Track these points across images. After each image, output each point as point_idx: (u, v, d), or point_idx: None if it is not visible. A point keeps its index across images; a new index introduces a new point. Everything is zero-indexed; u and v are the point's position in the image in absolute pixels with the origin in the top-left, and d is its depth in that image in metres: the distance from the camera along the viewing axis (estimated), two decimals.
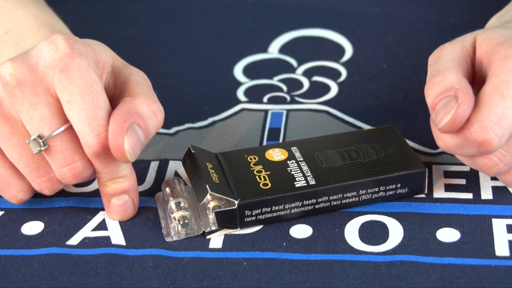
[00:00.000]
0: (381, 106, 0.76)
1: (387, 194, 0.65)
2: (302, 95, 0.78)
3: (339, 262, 0.60)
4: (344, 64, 0.82)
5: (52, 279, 0.60)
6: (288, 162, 0.65)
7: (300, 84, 0.80)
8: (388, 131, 0.68)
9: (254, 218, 0.63)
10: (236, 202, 0.62)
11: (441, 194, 0.66)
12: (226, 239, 0.63)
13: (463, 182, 0.67)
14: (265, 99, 0.78)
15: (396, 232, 0.62)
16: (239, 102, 0.77)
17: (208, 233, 0.63)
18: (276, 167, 0.65)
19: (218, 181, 0.63)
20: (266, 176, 0.64)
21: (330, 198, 0.64)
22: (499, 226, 0.62)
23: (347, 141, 0.67)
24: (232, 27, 0.88)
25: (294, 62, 0.83)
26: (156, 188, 0.68)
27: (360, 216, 0.64)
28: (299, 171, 0.64)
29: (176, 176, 0.69)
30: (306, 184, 0.63)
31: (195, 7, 0.92)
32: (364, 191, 0.64)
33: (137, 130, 0.60)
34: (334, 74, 0.81)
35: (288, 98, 0.78)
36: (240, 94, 0.79)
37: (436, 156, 0.70)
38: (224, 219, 0.62)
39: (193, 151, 0.65)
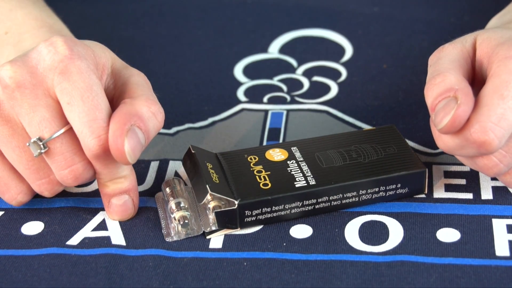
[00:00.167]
0: (381, 106, 0.76)
1: (387, 194, 0.65)
2: (302, 95, 0.78)
3: (339, 262, 0.60)
4: (344, 64, 0.82)
5: (52, 279, 0.60)
6: (288, 162, 0.65)
7: (300, 84, 0.80)
8: (388, 131, 0.68)
9: (254, 218, 0.63)
10: (236, 202, 0.62)
11: (441, 194, 0.66)
12: (226, 239, 0.63)
13: (463, 182, 0.67)
14: (265, 99, 0.78)
15: (396, 232, 0.62)
16: (239, 102, 0.77)
17: (208, 233, 0.63)
18: (276, 167, 0.65)
19: (218, 181, 0.63)
20: (266, 176, 0.64)
21: (330, 198, 0.64)
22: (499, 226, 0.62)
23: (347, 141, 0.67)
24: (232, 27, 0.88)
25: (294, 62, 0.83)
26: (156, 188, 0.68)
27: (360, 216, 0.64)
28: (299, 171, 0.64)
29: (176, 176, 0.69)
30: (306, 184, 0.63)
31: (195, 7, 0.92)
32: (364, 191, 0.64)
33: (137, 132, 0.60)
34: (334, 74, 0.81)
35: (288, 98, 0.78)
36: (240, 94, 0.78)
37: (436, 156, 0.70)
38: (224, 219, 0.62)
39: (193, 151, 0.65)
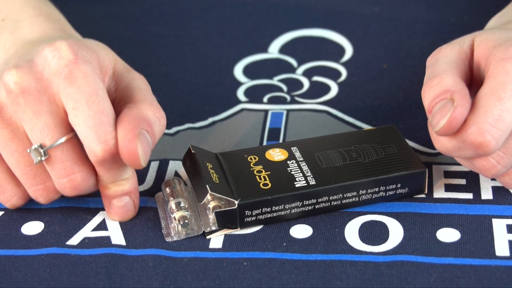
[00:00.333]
0: (381, 106, 0.76)
1: (387, 194, 0.65)
2: (302, 95, 0.78)
3: (339, 262, 0.60)
4: (344, 64, 0.82)
5: (52, 279, 0.60)
6: (288, 162, 0.65)
7: (300, 84, 0.80)
8: (388, 131, 0.68)
9: (254, 218, 0.63)
10: (236, 202, 0.62)
11: (441, 194, 0.66)
12: (226, 239, 0.63)
13: (463, 182, 0.67)
14: (265, 99, 0.78)
15: (396, 232, 0.62)
16: (239, 102, 0.77)
17: (208, 233, 0.63)
18: (276, 167, 0.65)
19: (218, 181, 0.63)
20: (266, 176, 0.64)
21: (330, 198, 0.64)
22: (499, 226, 0.62)
23: (347, 141, 0.67)
24: (232, 27, 0.88)
25: (294, 62, 0.83)
26: (156, 188, 0.68)
27: (360, 216, 0.64)
28: (299, 171, 0.64)
29: (176, 176, 0.69)
30: (306, 184, 0.63)
31: (195, 7, 0.92)
32: (364, 191, 0.64)
33: (146, 136, 0.60)
34: (334, 74, 0.81)
35: (288, 98, 0.78)
36: (240, 94, 0.78)
37: (436, 156, 0.70)
38: (224, 219, 0.62)
39: (193, 151, 0.65)
